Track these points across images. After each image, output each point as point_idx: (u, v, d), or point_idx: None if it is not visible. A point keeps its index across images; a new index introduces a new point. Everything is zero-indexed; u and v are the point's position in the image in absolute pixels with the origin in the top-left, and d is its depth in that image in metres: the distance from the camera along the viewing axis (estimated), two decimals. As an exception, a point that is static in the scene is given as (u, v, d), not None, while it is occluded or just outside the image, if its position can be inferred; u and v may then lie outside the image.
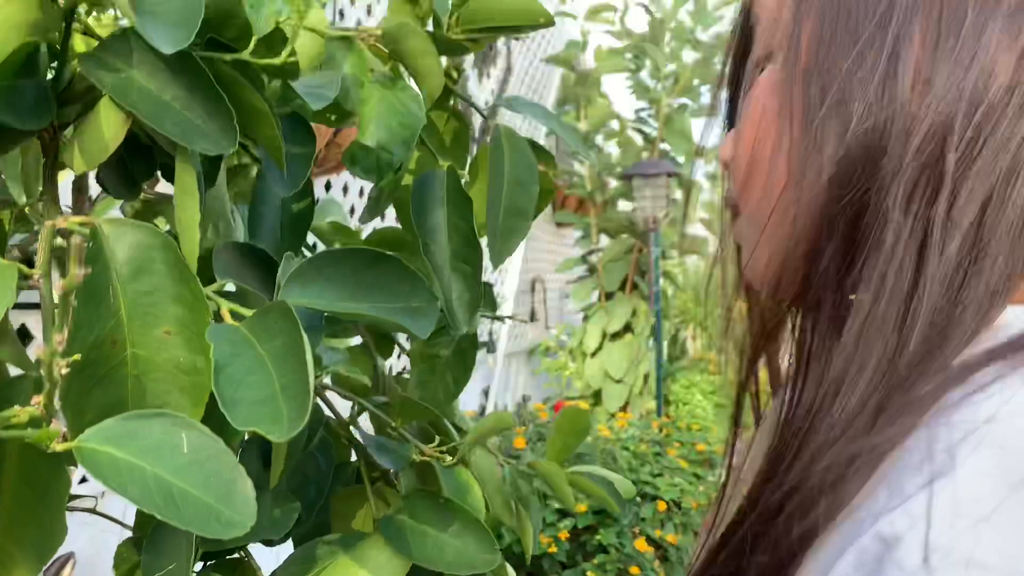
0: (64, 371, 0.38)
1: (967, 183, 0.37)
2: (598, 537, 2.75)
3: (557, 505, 2.98)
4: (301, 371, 0.43)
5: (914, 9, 0.39)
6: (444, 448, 0.67)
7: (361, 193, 2.78)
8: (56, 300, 0.36)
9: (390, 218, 0.93)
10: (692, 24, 4.65)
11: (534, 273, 5.45)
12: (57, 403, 0.42)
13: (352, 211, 2.71)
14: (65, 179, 0.59)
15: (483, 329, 4.03)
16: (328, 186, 2.60)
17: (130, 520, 0.71)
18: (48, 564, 1.52)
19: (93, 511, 0.80)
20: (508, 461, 0.89)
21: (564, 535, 2.74)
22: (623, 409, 4.67)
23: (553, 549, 2.70)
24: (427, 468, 0.67)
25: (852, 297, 0.39)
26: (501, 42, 4.34)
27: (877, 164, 0.38)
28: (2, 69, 0.41)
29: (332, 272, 0.53)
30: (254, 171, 0.87)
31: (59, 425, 0.39)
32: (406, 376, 0.94)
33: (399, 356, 0.93)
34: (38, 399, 0.37)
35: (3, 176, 0.62)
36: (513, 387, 5.07)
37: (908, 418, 0.36)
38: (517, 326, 5.17)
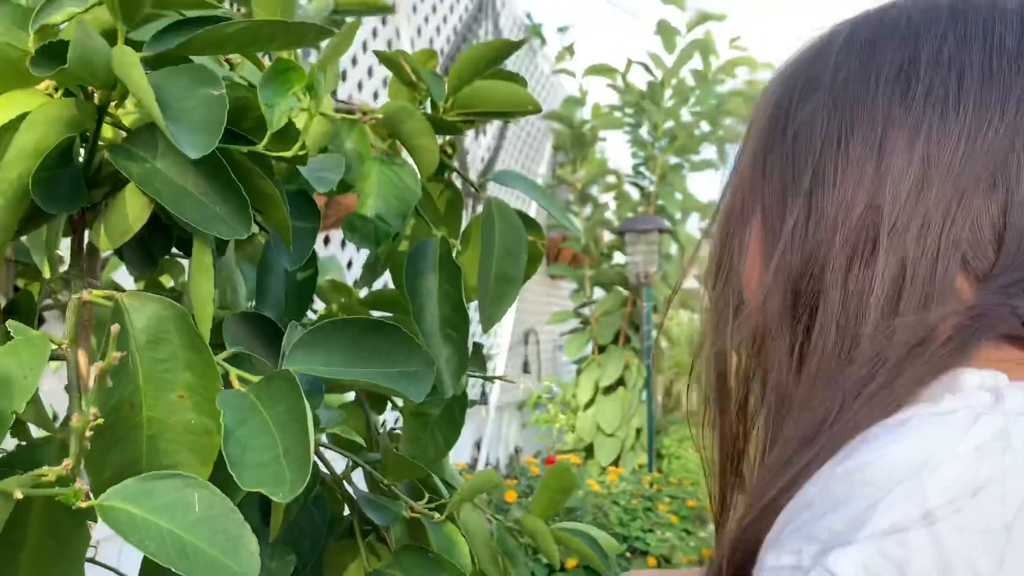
0: (88, 439, 0.42)
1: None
2: (588, 592, 2.76)
3: (546, 560, 2.99)
4: (302, 435, 0.47)
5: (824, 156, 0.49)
6: (433, 505, 0.71)
7: (359, 249, 2.84)
8: (93, 377, 0.40)
9: (387, 277, 0.98)
10: (693, 84, 4.76)
11: (527, 325, 5.50)
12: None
13: (350, 265, 2.77)
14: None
15: (475, 382, 4.07)
16: (327, 240, 2.65)
17: (124, 569, 0.75)
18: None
19: (92, 560, 0.83)
20: (496, 517, 0.93)
21: None
22: (615, 463, 4.68)
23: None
24: (417, 524, 0.71)
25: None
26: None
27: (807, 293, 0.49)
28: (43, 162, 0.46)
29: (334, 342, 0.57)
30: (260, 237, 0.92)
31: (83, 484, 0.44)
32: (398, 431, 0.98)
33: (391, 409, 0.97)
34: (67, 462, 0.41)
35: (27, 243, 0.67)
36: (505, 439, 5.08)
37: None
38: (510, 377, 5.20)
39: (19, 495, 0.39)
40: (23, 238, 0.74)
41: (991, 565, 0.35)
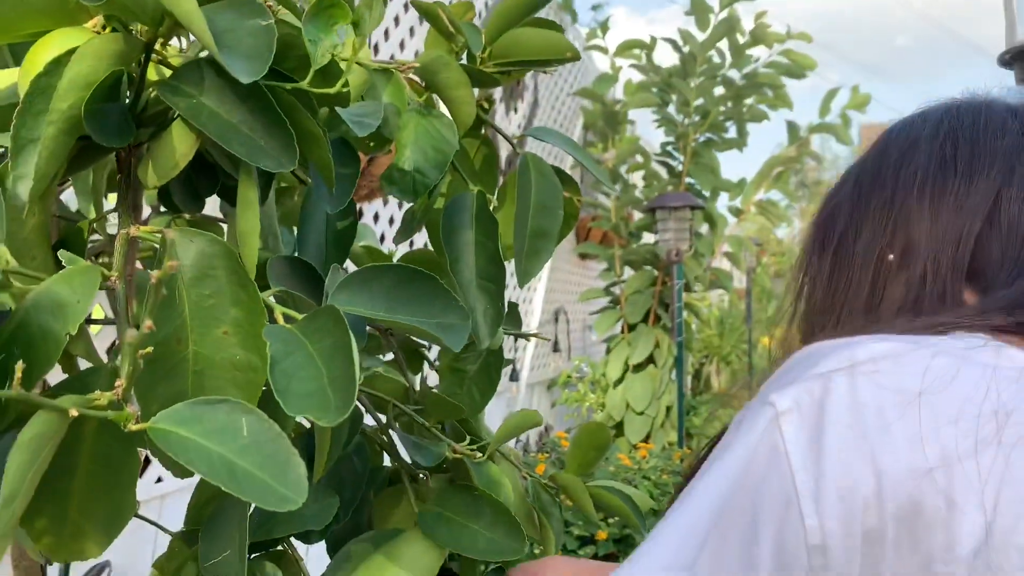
0: (142, 356, 0.43)
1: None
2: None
3: (578, 532, 3.00)
4: (348, 367, 0.48)
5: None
6: (475, 446, 0.72)
7: (392, 221, 2.85)
8: (150, 288, 0.40)
9: (418, 243, 0.98)
10: (723, 61, 4.71)
11: (557, 304, 5.50)
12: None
13: (382, 239, 2.78)
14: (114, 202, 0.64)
15: (507, 353, 4.07)
16: (360, 213, 2.67)
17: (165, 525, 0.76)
18: (85, 572, 1.56)
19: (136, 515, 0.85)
20: (531, 474, 0.93)
21: None
22: (645, 440, 4.68)
23: None
24: (460, 465, 0.71)
25: None
26: (528, 76, 4.42)
27: None
28: (93, 94, 0.46)
29: (375, 284, 0.58)
30: (295, 195, 0.93)
31: (134, 408, 0.44)
32: (434, 390, 0.98)
33: (424, 377, 0.98)
34: (121, 381, 0.42)
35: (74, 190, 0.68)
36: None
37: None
38: (540, 356, 5.21)
39: (74, 412, 0.40)
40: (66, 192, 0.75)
41: (895, 414, 0.45)
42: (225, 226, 0.78)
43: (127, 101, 0.53)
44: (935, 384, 0.46)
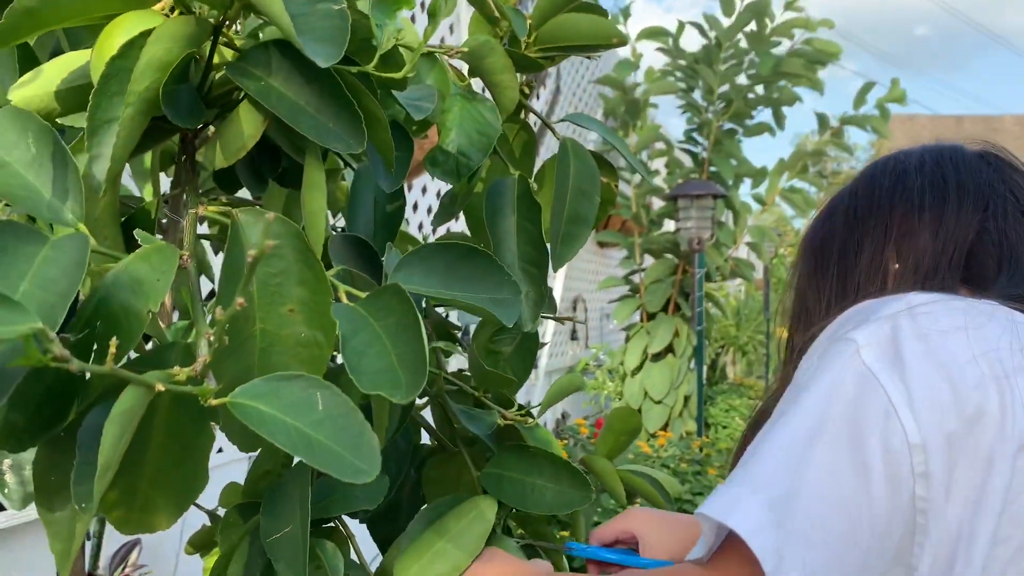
0: (224, 339, 0.44)
1: None
2: (639, 552, 2.77)
3: (596, 519, 3.01)
4: (416, 343, 0.49)
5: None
6: (523, 412, 0.73)
7: (416, 207, 2.86)
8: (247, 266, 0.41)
9: (454, 227, 0.99)
10: (749, 47, 4.68)
11: (576, 292, 5.50)
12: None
13: (420, 227, 2.80)
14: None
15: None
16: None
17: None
18: (116, 549, 1.58)
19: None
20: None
21: None
22: (663, 429, 4.69)
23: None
24: (511, 431, 0.72)
25: None
26: (551, 63, 4.41)
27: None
28: (169, 75, 0.47)
29: (433, 262, 0.59)
30: (338, 179, 0.94)
31: (212, 384, 0.45)
32: (466, 374, 0.99)
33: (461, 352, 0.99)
34: (204, 356, 0.43)
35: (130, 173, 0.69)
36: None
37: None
38: (558, 344, 5.21)
39: (160, 387, 0.41)
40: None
41: (954, 340, 0.58)
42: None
43: (195, 83, 0.54)
44: (976, 321, 0.59)
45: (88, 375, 0.45)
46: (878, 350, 0.58)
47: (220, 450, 2.04)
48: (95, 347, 0.45)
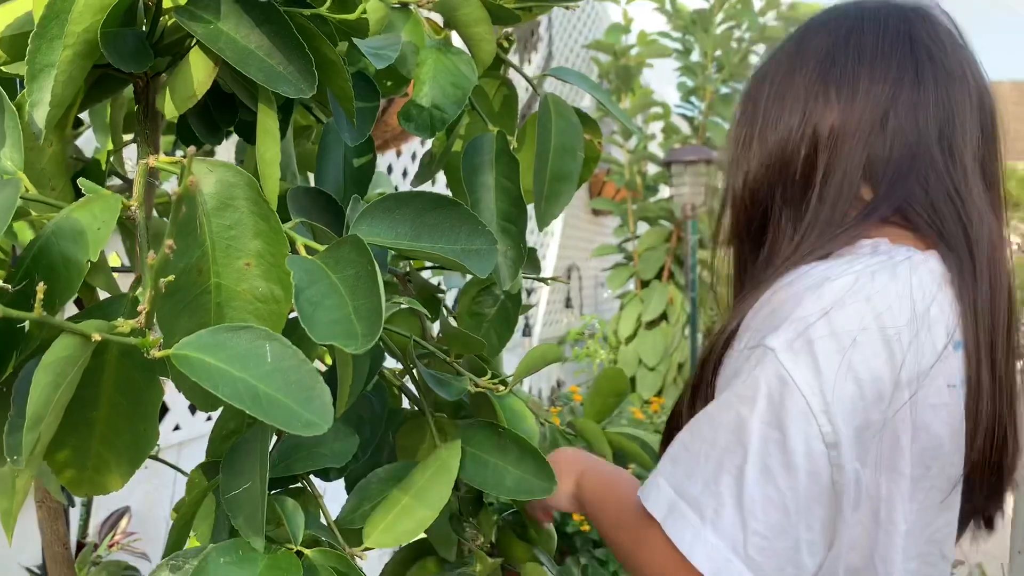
0: (164, 284, 0.42)
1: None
2: (631, 517, 2.78)
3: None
4: (373, 295, 0.47)
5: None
6: (497, 380, 0.71)
7: (405, 173, 2.84)
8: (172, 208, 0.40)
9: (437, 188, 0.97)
10: (742, 9, 4.61)
11: (570, 260, 5.48)
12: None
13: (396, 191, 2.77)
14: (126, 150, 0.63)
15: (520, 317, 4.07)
16: (372, 166, 2.65)
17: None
18: (106, 517, 1.58)
19: (155, 458, 0.85)
20: (548, 420, 0.93)
21: None
22: (657, 396, 4.69)
23: (586, 527, 2.74)
24: (483, 399, 0.71)
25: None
26: (543, 28, 4.36)
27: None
28: (109, 17, 0.45)
29: (398, 213, 0.57)
30: (312, 137, 0.92)
31: (157, 335, 0.44)
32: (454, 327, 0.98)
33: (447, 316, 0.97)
34: (143, 306, 0.41)
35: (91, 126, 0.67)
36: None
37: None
38: (552, 312, 5.20)
39: (97, 337, 0.40)
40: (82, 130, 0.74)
41: (863, 337, 0.64)
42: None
43: (144, 29, 0.52)
44: (880, 304, 0.65)
45: (27, 328, 0.43)
46: (794, 356, 0.63)
47: (209, 418, 2.04)
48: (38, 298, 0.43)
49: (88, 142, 0.93)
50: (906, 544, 0.67)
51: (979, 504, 0.76)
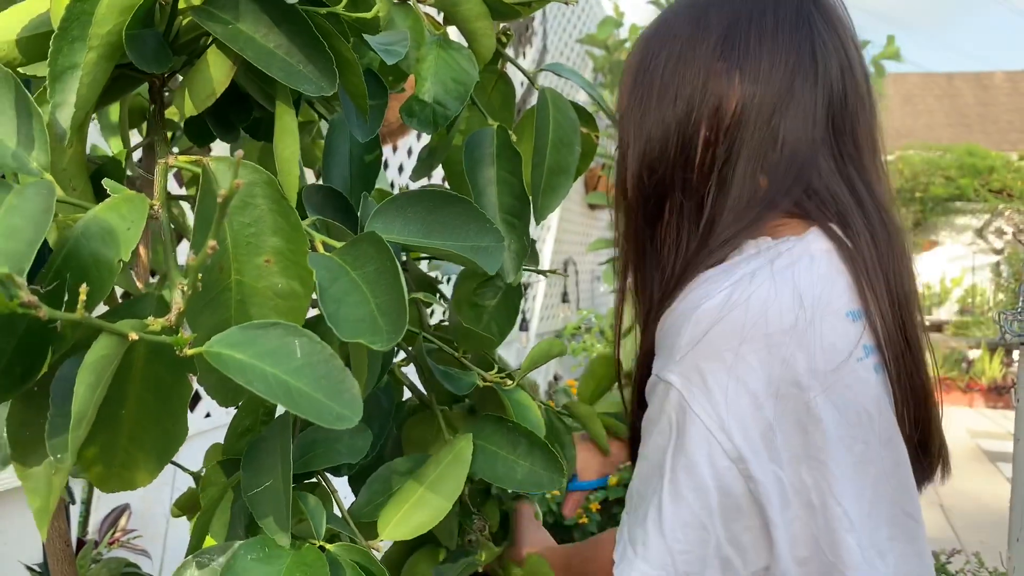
0: (197, 285, 0.43)
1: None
2: (628, 508, 2.79)
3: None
4: (396, 291, 0.48)
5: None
6: (503, 374, 0.72)
7: (401, 169, 2.84)
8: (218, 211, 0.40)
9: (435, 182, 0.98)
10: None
11: (566, 255, 5.49)
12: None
13: (392, 186, 2.77)
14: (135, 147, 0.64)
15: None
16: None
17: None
18: (106, 514, 1.58)
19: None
20: (545, 403, 0.94)
21: (595, 507, 2.79)
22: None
23: (584, 520, 2.75)
24: (490, 393, 0.72)
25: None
26: (537, 22, 4.36)
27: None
28: (132, 19, 0.46)
29: (410, 211, 0.57)
30: (312, 132, 0.92)
31: (188, 333, 0.45)
32: (446, 324, 0.98)
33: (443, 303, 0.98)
34: (178, 305, 0.42)
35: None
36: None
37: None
38: (549, 307, 5.21)
39: (134, 336, 0.40)
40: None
41: (747, 348, 0.64)
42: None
43: (161, 29, 0.52)
44: (759, 310, 0.65)
45: (60, 328, 0.44)
46: (688, 384, 0.65)
47: (208, 415, 2.03)
48: (66, 298, 0.44)
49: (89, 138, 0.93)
50: (870, 522, 0.69)
51: (919, 478, 0.77)
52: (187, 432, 0.51)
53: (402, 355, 0.85)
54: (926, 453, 0.77)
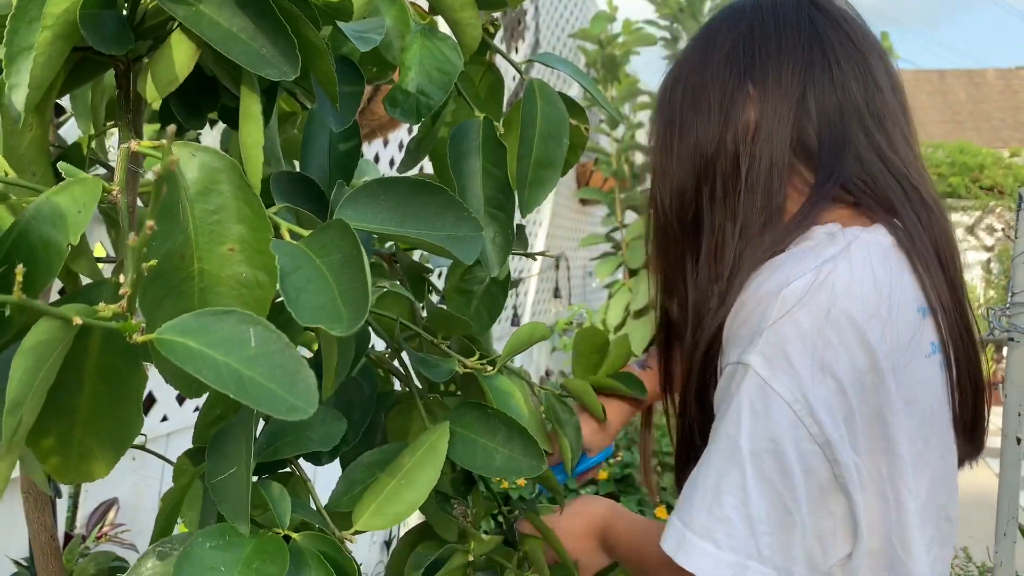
0: (146, 268, 0.42)
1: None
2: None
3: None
4: (359, 279, 0.47)
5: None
6: (485, 360, 0.71)
7: (392, 163, 2.82)
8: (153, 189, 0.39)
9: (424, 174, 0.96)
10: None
11: (558, 250, 5.48)
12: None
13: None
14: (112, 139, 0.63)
15: (507, 312, 4.06)
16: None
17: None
18: (94, 508, 1.58)
19: (143, 448, 0.84)
20: (544, 387, 0.93)
21: (603, 475, 2.78)
22: (646, 384, 4.69)
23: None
24: (471, 380, 0.71)
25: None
26: (530, 16, 4.34)
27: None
28: (88, -2, 0.45)
29: (383, 198, 0.56)
30: (297, 123, 0.91)
31: (140, 319, 0.44)
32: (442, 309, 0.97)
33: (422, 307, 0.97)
34: (125, 289, 0.41)
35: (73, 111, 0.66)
36: (536, 361, 5.12)
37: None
38: (541, 302, 5.21)
39: (78, 321, 0.39)
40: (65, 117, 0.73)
41: (831, 331, 0.65)
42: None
43: (124, 12, 0.51)
44: (844, 296, 0.66)
45: (8, 313, 0.42)
46: (769, 366, 0.65)
47: (196, 409, 2.03)
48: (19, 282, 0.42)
49: (72, 131, 0.92)
50: (921, 519, 0.69)
51: (963, 456, 0.79)
52: (142, 423, 0.50)
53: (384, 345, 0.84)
54: (972, 440, 0.78)
